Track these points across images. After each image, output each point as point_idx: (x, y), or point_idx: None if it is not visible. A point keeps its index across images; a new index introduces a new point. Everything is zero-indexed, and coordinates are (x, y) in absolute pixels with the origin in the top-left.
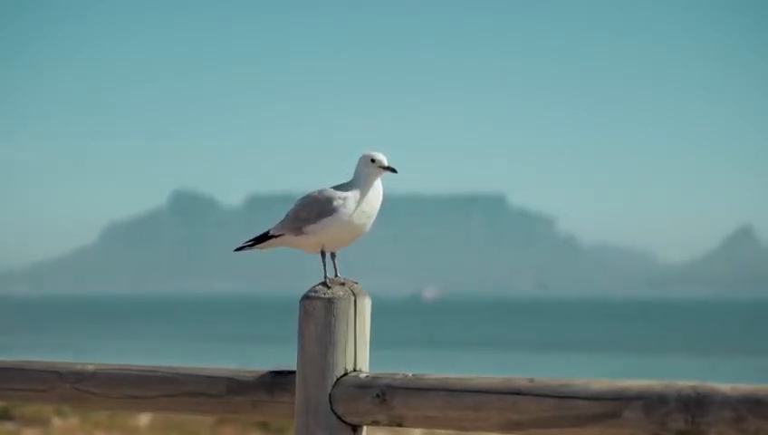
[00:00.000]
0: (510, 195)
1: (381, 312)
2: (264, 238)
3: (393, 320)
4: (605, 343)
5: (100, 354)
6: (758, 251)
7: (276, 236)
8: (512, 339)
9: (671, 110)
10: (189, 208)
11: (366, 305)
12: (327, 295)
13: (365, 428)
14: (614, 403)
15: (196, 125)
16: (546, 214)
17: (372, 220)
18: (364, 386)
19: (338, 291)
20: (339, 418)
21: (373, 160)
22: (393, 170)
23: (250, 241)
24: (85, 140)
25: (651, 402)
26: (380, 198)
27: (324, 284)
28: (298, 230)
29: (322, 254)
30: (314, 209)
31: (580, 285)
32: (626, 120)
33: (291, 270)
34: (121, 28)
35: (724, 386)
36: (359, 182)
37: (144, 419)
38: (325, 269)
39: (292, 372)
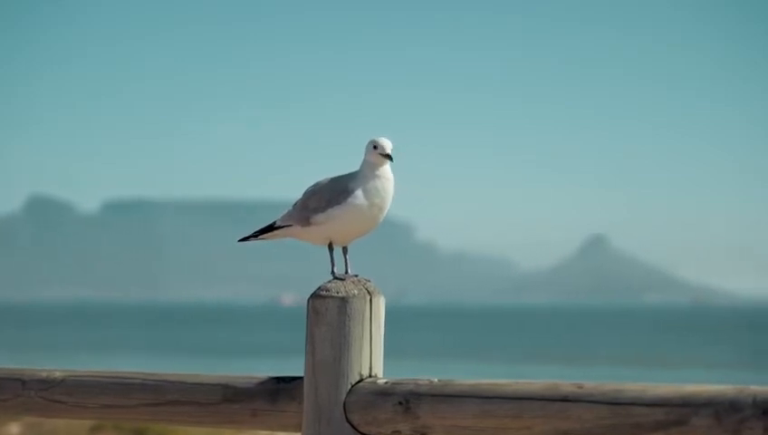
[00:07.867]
0: None
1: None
2: (269, 229)
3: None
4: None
5: None
6: (611, 258)
7: (282, 227)
8: None
9: (526, 117)
10: (45, 213)
11: (381, 305)
12: (340, 294)
13: None
14: (681, 410)
15: (51, 128)
16: (404, 221)
17: (384, 213)
18: (384, 393)
19: (352, 289)
20: (354, 428)
21: (375, 147)
22: (390, 158)
23: (255, 232)
24: None
25: (723, 409)
26: (391, 189)
27: (336, 277)
28: (306, 221)
29: (330, 247)
30: (323, 199)
31: (440, 293)
32: (480, 126)
33: (150, 276)
34: None
35: None
36: (365, 171)
37: (14, 428)
38: (333, 263)
39: (297, 378)
